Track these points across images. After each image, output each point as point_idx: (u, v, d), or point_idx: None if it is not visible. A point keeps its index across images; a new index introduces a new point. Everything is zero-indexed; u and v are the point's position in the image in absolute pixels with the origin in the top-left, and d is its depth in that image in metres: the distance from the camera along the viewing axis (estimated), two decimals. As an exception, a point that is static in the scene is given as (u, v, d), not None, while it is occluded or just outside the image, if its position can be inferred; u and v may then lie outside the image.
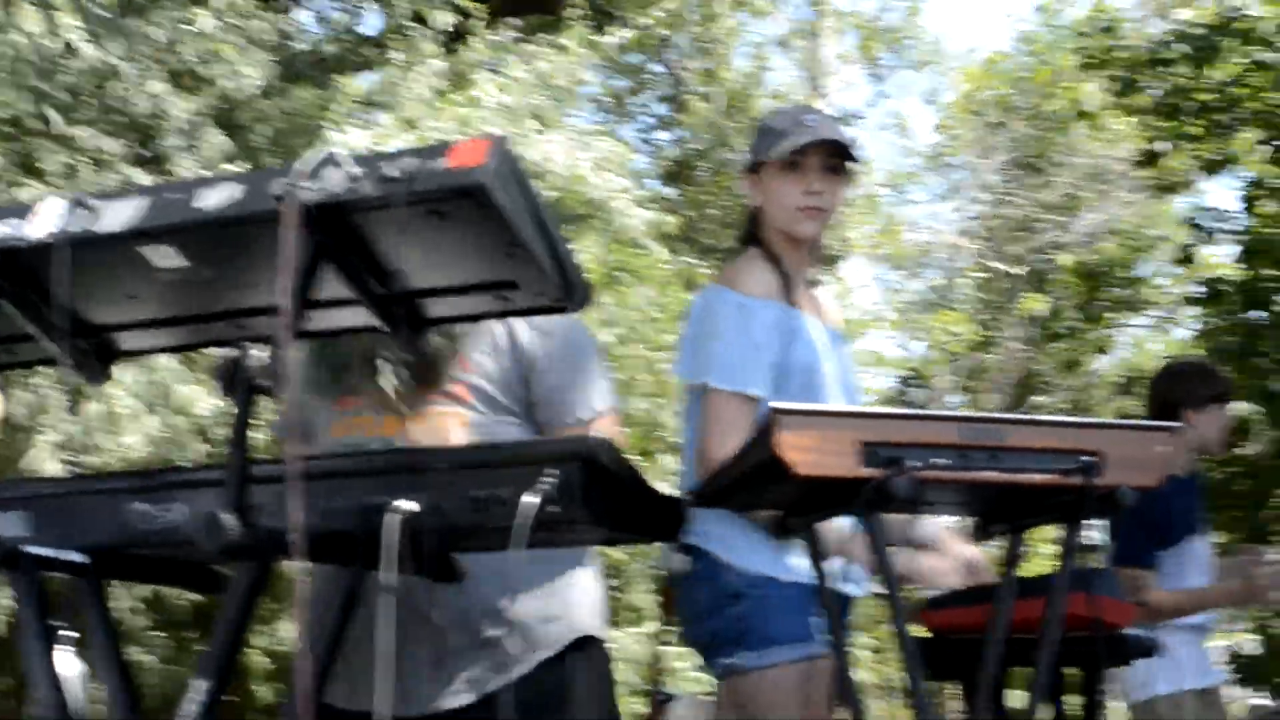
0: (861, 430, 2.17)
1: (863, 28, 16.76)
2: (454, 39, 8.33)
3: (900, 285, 18.19)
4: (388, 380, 2.50)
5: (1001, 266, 15.87)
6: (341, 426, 2.61)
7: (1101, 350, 15.49)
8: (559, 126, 8.31)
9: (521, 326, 2.59)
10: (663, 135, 15.50)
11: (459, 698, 2.49)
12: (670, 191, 14.26)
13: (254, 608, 1.89)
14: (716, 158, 13.80)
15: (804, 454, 2.13)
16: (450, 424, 2.54)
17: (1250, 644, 11.07)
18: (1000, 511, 2.41)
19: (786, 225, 2.98)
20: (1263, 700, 10.91)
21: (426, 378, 2.53)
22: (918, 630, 2.81)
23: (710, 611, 2.86)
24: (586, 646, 2.60)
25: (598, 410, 2.64)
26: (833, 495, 2.24)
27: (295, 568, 1.70)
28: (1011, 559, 2.44)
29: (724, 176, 13.58)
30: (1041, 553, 8.67)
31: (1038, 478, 2.21)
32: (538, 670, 2.52)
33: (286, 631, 7.53)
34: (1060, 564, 2.37)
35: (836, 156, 2.97)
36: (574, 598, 2.61)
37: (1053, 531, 2.48)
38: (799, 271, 3.03)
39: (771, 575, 2.81)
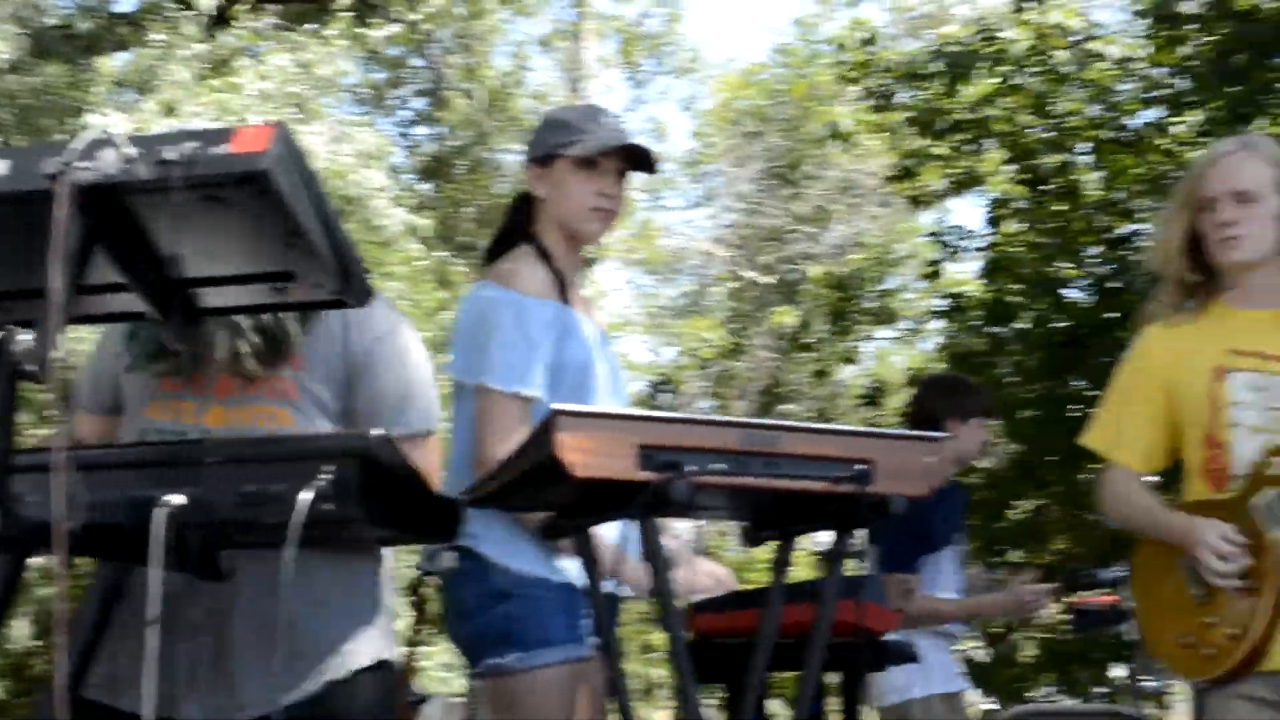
0: (640, 433, 2.18)
1: (624, 32, 17.03)
2: (216, 22, 8.09)
3: (653, 290, 18.59)
4: (224, 353, 2.38)
5: (753, 275, 16.33)
6: (159, 408, 2.48)
7: (848, 360, 15.99)
8: (320, 117, 8.18)
9: (355, 327, 2.50)
10: (421, 130, 15.38)
11: (244, 711, 2.37)
12: (426, 187, 14.19)
13: (11, 604, 1.81)
14: (475, 155, 13.77)
15: (582, 456, 2.14)
16: (273, 421, 2.45)
17: (979, 653, 11.66)
18: (774, 517, 2.46)
19: (575, 223, 2.97)
20: (992, 705, 11.49)
21: (268, 360, 2.42)
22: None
23: (477, 610, 2.84)
24: (378, 669, 2.52)
25: (430, 427, 2.59)
26: (610, 498, 2.25)
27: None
28: (781, 563, 2.48)
29: (481, 175, 13.61)
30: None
31: (812, 485, 2.26)
32: (326, 690, 2.43)
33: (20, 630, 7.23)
34: (829, 570, 2.43)
35: (629, 163, 2.99)
36: (370, 618, 2.53)
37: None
38: (572, 270, 3.04)
39: (541, 576, 2.81)
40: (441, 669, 13.32)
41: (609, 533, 2.62)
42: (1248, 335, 2.99)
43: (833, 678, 3.10)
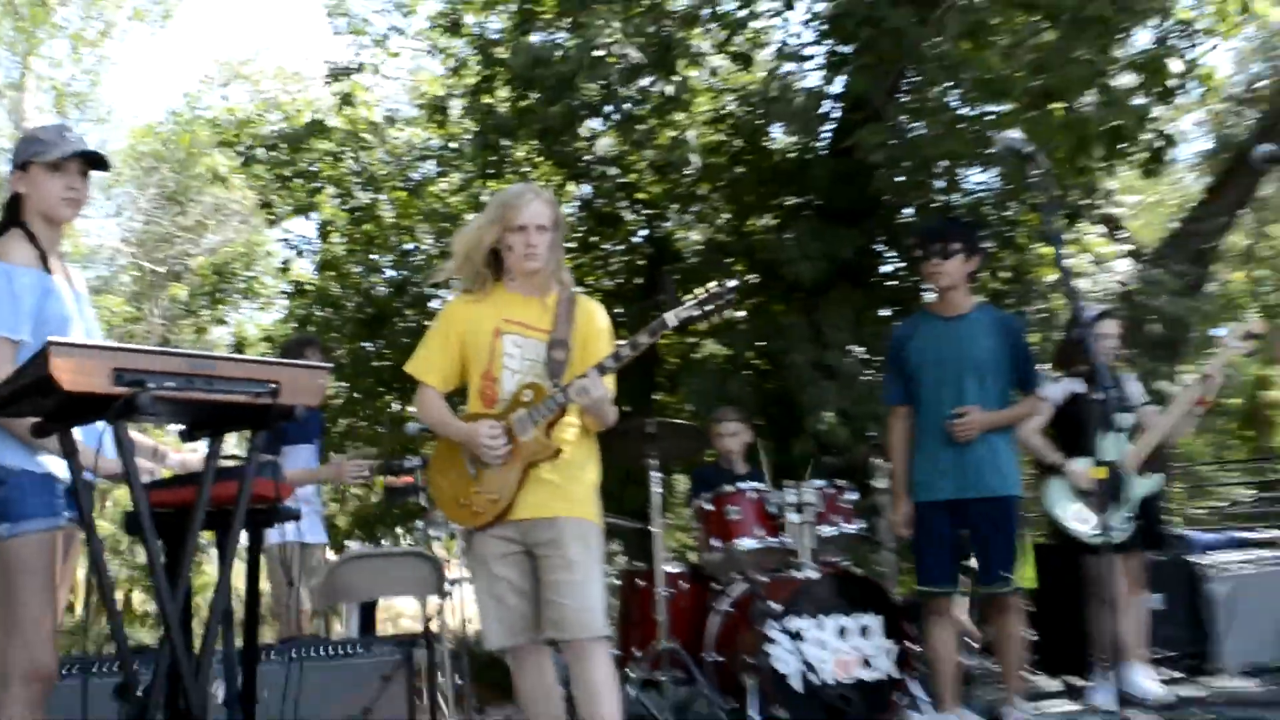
0: (114, 359, 2.76)
1: (58, 89, 20.56)
2: None
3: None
4: None
5: (150, 265, 20.59)
6: None
7: (221, 323, 18.44)
8: None
9: None
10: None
11: None
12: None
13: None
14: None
15: (70, 375, 2.69)
16: None
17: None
18: (210, 421, 3.09)
19: (51, 211, 3.58)
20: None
21: None
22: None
23: None
24: None
25: None
26: (90, 407, 2.80)
27: None
28: (213, 454, 3.11)
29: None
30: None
31: (239, 398, 2.95)
32: None
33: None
34: (248, 456, 3.13)
35: (88, 165, 3.64)
36: None
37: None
38: (53, 247, 3.60)
39: (26, 468, 3.36)
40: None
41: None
42: (516, 310, 4.08)
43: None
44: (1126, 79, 7.55)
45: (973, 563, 5.31)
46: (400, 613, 15.84)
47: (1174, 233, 12.26)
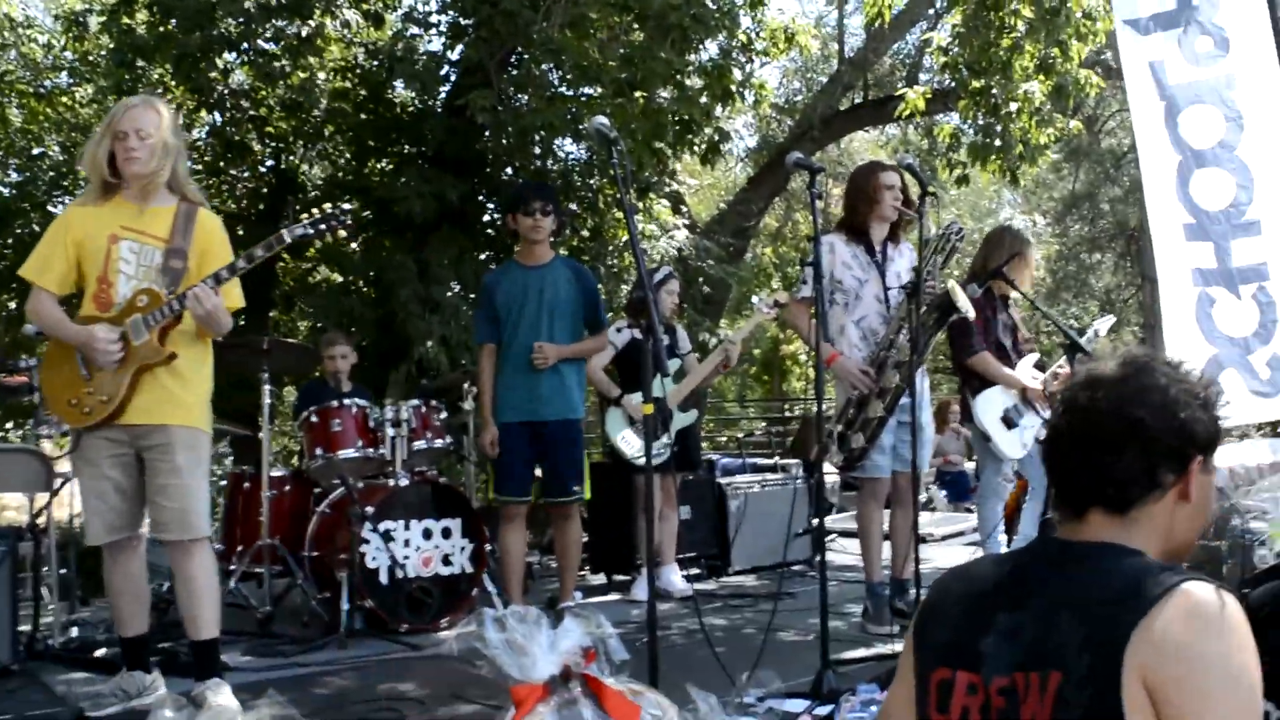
0: None
1: None
2: None
3: None
4: None
5: None
6: None
7: None
8: None
9: None
10: None
11: None
12: None
13: None
14: None
15: None
16: None
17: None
18: None
19: None
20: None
21: None
22: None
23: None
24: None
25: None
26: None
27: None
28: None
29: None
30: None
31: None
32: None
33: None
34: None
35: None
36: None
37: None
38: None
39: None
40: None
41: None
42: (133, 218, 3.77)
43: None
44: (696, 81, 7.94)
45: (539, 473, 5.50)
46: (5, 505, 14.43)
47: (722, 212, 13.09)
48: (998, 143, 8.47)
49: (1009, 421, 5.36)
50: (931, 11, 12.86)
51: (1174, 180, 4.80)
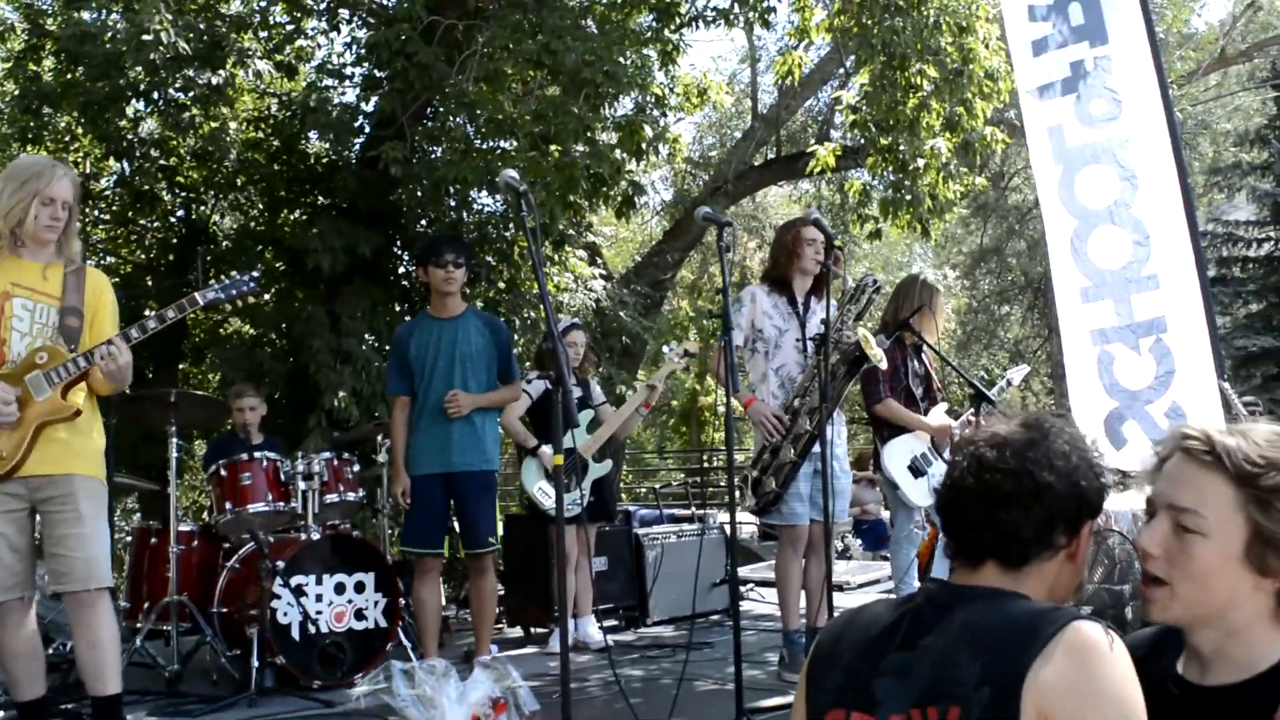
0: None
1: None
2: None
3: None
4: None
5: None
6: None
7: None
8: None
9: None
10: None
11: None
12: None
13: None
14: None
15: None
16: None
17: None
18: None
19: None
20: None
21: None
22: None
23: None
24: None
25: None
26: None
27: None
28: None
29: None
30: None
31: None
32: None
33: None
34: None
35: None
36: None
37: None
38: None
39: None
40: None
41: None
42: (25, 275, 3.77)
43: None
44: (609, 136, 8.07)
45: (456, 527, 5.48)
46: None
47: (639, 264, 13.23)
48: (907, 197, 8.72)
49: (916, 470, 5.50)
50: (841, 71, 13.24)
51: (1069, 245, 5.02)
